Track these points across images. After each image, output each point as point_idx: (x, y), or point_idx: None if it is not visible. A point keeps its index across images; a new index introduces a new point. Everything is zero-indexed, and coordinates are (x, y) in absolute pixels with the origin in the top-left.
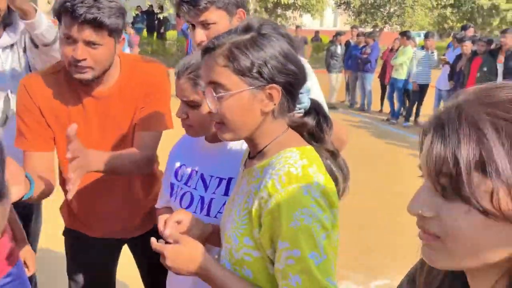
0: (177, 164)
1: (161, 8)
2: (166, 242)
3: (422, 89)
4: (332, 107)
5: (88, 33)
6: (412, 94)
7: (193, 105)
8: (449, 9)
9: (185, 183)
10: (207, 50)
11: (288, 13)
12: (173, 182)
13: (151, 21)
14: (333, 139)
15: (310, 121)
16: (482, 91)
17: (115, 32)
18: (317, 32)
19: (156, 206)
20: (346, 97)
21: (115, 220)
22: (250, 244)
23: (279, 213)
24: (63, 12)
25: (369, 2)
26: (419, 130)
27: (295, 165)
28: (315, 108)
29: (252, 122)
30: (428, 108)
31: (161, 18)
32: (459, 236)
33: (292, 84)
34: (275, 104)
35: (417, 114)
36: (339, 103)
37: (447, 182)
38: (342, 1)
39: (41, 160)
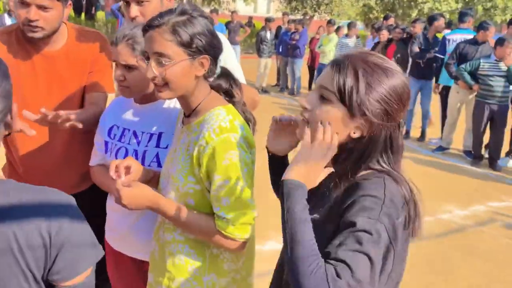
0: (109, 125)
1: None
2: None
3: None
4: (264, 90)
5: None
6: None
7: (130, 68)
8: (373, 0)
9: (119, 140)
10: (151, 26)
11: None
12: (107, 140)
13: (78, 1)
14: (247, 99)
15: (223, 83)
16: (361, 53)
17: None
18: (250, 18)
19: (90, 164)
20: (277, 81)
21: (55, 178)
22: (193, 180)
23: (213, 155)
24: None
25: None
26: None
27: (224, 120)
28: (226, 73)
29: (189, 84)
30: None
31: None
32: (315, 121)
33: (216, 55)
34: (205, 71)
35: None
36: (271, 86)
37: (326, 94)
38: None
39: None
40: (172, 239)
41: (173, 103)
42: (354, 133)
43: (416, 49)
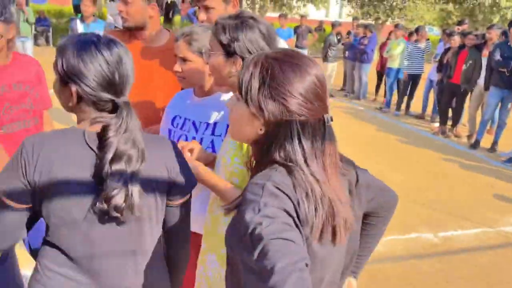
0: (173, 115)
1: None
2: None
3: (414, 79)
4: (329, 94)
5: None
6: (403, 84)
7: (186, 61)
8: (451, 5)
9: (180, 128)
10: (215, 23)
11: (293, 2)
12: (170, 128)
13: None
14: None
15: None
16: (272, 51)
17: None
18: (321, 22)
19: None
20: (343, 86)
21: None
22: (238, 161)
23: None
24: None
25: None
26: (409, 119)
27: None
28: None
29: (222, 76)
30: (420, 99)
31: (169, 3)
32: (231, 119)
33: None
34: (236, 70)
35: (408, 104)
36: (336, 91)
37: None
38: None
39: None
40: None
41: (228, 97)
42: (260, 130)
43: (498, 56)
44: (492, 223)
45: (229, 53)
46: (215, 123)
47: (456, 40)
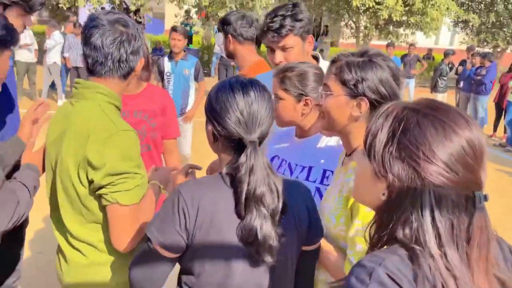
0: (272, 155)
1: None
2: None
3: None
4: None
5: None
6: None
7: (279, 99)
8: None
9: (277, 169)
10: (333, 61)
11: (400, 30)
12: None
13: None
14: None
15: None
16: (417, 102)
17: None
18: (430, 50)
19: None
20: None
21: None
22: (344, 222)
23: None
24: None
25: (491, 21)
26: None
27: None
28: None
29: (339, 120)
30: None
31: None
32: (356, 175)
33: (379, 102)
34: (361, 113)
35: None
36: None
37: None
38: (460, 20)
39: None
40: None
41: (327, 141)
42: (383, 194)
43: None
44: None
45: (354, 94)
46: (310, 167)
47: None
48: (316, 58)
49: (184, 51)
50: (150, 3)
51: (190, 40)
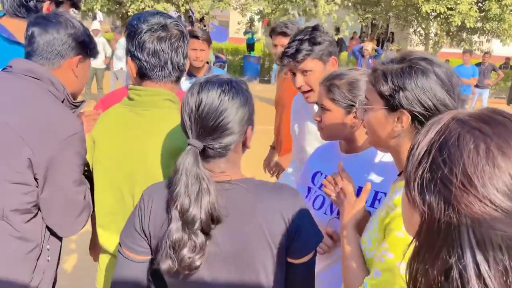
0: (314, 171)
1: (337, 30)
2: None
3: None
4: None
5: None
6: None
7: (325, 109)
8: None
9: (319, 187)
10: (373, 70)
11: (474, 37)
12: (310, 186)
13: None
14: None
15: None
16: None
17: None
18: (508, 59)
19: None
20: None
21: None
22: (378, 247)
23: (393, 222)
24: None
25: None
26: None
27: None
28: None
29: (382, 136)
30: None
31: (337, 40)
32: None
33: (424, 116)
34: (403, 127)
35: None
36: None
37: None
38: None
39: None
40: None
41: (381, 157)
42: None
43: None
44: None
45: (393, 106)
46: (359, 188)
47: None
48: None
49: (207, 63)
50: (214, 11)
51: (252, 47)
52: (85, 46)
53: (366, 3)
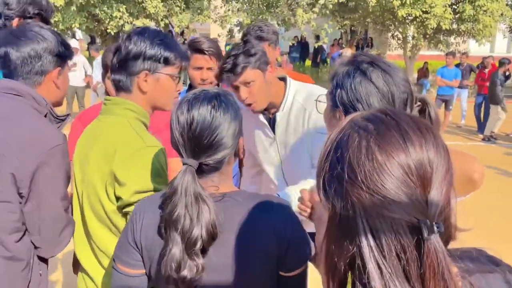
0: None
1: (317, 37)
2: None
3: None
4: (491, 138)
5: None
6: None
7: None
8: None
9: None
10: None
11: (451, 39)
12: None
13: (305, 50)
14: (459, 175)
15: None
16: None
17: None
18: (484, 59)
19: None
20: None
21: None
22: None
23: None
24: None
25: None
26: None
27: None
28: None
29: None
30: None
31: (316, 47)
32: None
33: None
34: None
35: None
36: (505, 135)
37: None
38: None
39: None
40: None
41: None
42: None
43: None
44: None
45: (333, 104)
46: None
47: None
48: (284, 79)
49: (187, 85)
50: (194, 24)
51: None
52: (63, 56)
53: (344, 10)
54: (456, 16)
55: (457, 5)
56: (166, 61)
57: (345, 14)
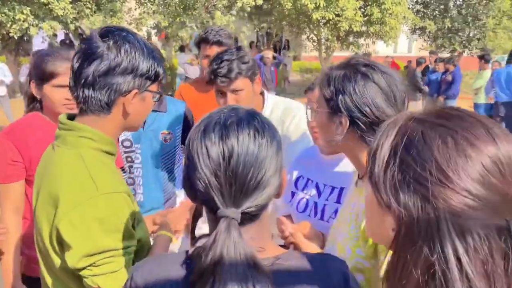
0: (297, 175)
1: (236, 40)
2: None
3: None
4: None
5: None
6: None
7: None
8: None
9: (302, 190)
10: (323, 75)
11: (361, 40)
12: (293, 191)
13: None
14: None
15: None
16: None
17: None
18: (392, 59)
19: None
20: None
21: None
22: (361, 255)
23: None
24: None
25: (446, 26)
26: None
27: None
28: None
29: (328, 139)
30: None
31: None
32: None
33: (364, 121)
34: (342, 131)
35: None
36: None
37: None
38: (417, 27)
39: None
40: None
41: None
42: (392, 230)
43: None
44: None
45: (334, 110)
46: (341, 188)
47: None
48: (261, 93)
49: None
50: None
51: None
52: None
53: (260, 13)
54: (365, 18)
55: (366, 8)
56: (156, 78)
57: (262, 17)
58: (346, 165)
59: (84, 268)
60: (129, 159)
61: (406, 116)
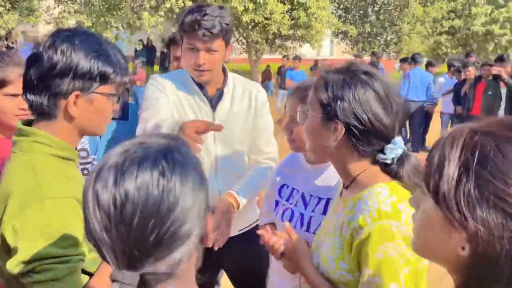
0: (281, 183)
1: (163, 41)
2: None
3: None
4: None
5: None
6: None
7: (296, 122)
8: (444, 36)
9: (287, 200)
10: (317, 79)
11: (288, 43)
12: (277, 199)
13: (151, 55)
14: None
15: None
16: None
17: None
18: (316, 61)
19: (259, 223)
20: None
21: None
22: (345, 268)
23: (367, 245)
24: None
25: (366, 31)
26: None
27: (385, 201)
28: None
29: (317, 145)
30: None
31: (165, 52)
32: (418, 223)
33: (359, 129)
34: (336, 138)
35: (423, 139)
36: None
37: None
38: (340, 31)
39: None
40: None
41: None
42: (462, 249)
43: None
44: None
45: (329, 116)
46: (328, 199)
47: (472, 72)
48: (223, 69)
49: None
50: (24, 26)
51: None
52: None
53: None
54: (292, 22)
55: (292, 12)
56: (104, 79)
57: None
58: (332, 175)
59: (23, 274)
60: (85, 171)
61: (467, 130)
